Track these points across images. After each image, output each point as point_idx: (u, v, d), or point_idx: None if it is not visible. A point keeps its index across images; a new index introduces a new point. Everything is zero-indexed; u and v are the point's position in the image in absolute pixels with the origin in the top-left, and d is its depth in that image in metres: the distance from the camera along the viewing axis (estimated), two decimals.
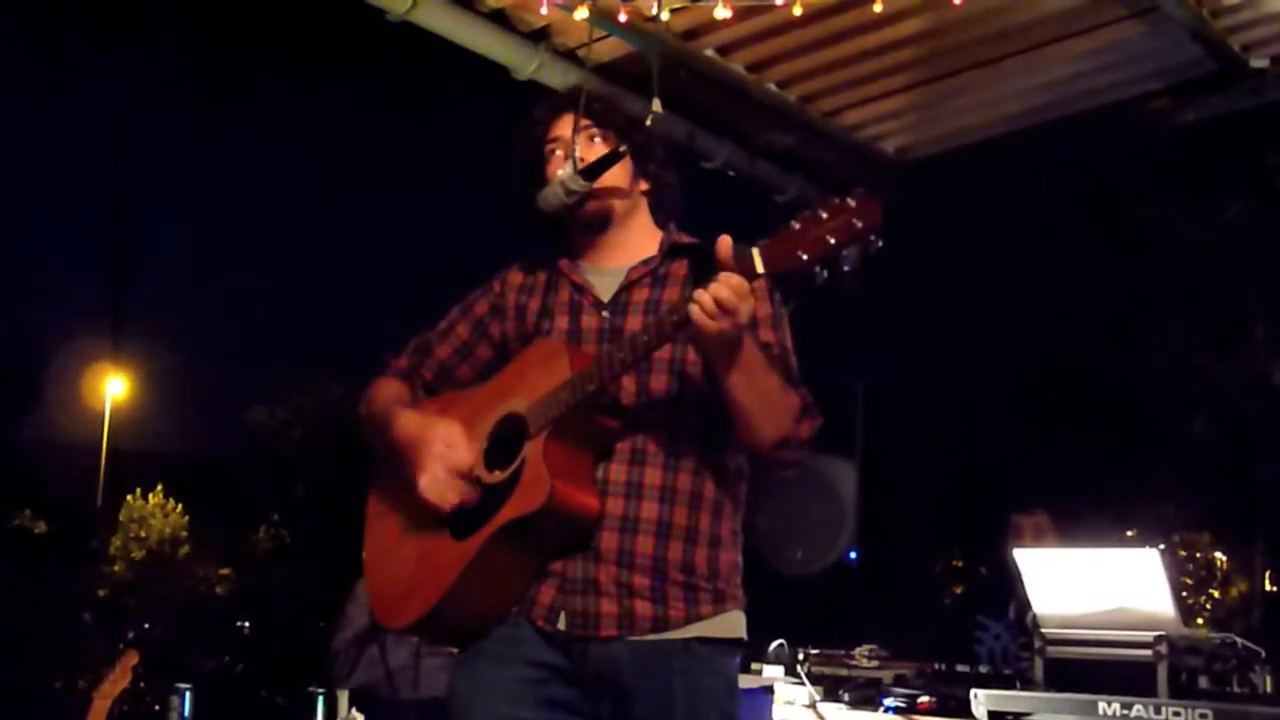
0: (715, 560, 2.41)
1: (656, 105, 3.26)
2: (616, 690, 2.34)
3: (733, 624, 2.43)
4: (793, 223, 2.09)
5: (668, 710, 2.32)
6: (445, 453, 2.40)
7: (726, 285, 2.14)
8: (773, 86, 5.16)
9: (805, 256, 2.08)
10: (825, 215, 2.07)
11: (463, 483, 2.39)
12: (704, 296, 2.14)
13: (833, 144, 5.56)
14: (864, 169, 5.69)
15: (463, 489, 2.39)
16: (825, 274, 2.09)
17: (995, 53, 4.91)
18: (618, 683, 2.34)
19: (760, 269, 2.12)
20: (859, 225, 2.06)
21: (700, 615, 2.37)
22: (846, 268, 2.07)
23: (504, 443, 2.39)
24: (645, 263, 2.53)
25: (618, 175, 2.52)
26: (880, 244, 2.07)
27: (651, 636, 2.34)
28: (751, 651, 4.18)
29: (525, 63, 4.70)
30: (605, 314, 2.49)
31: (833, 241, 2.06)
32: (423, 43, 4.54)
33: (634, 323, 2.43)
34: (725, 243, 2.16)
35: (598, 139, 2.55)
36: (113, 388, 22.28)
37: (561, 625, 2.35)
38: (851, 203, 2.07)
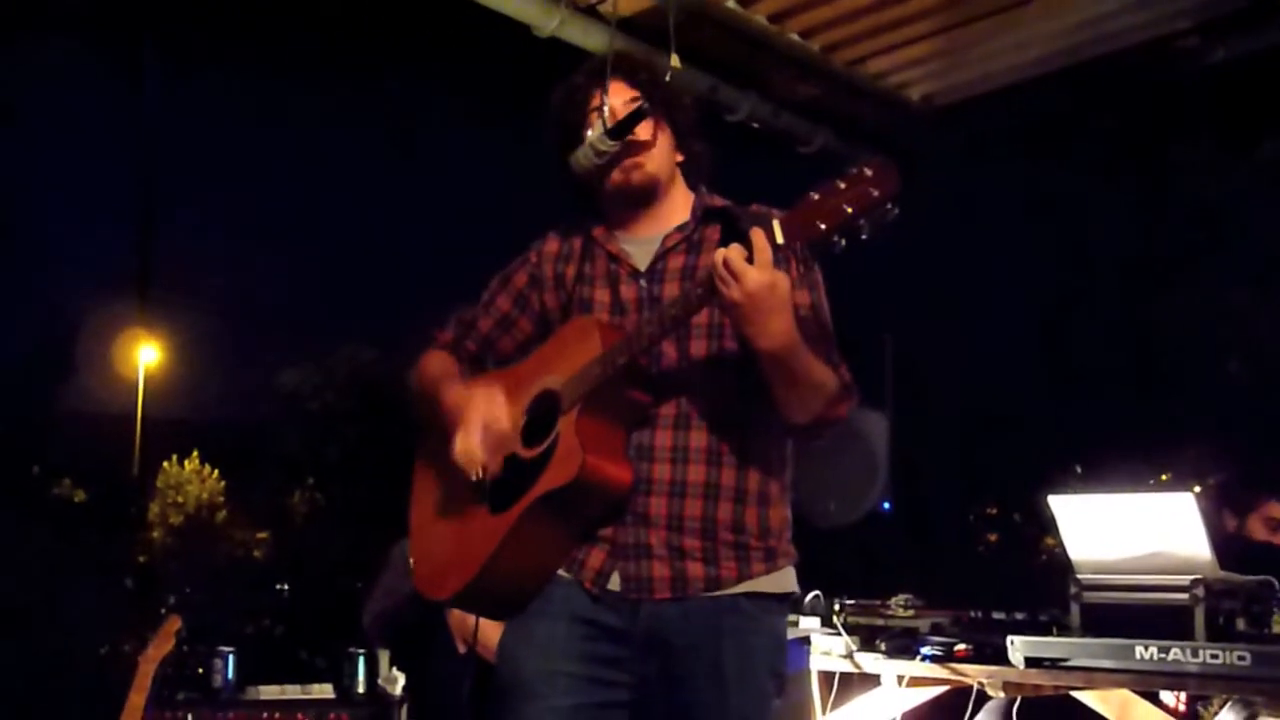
0: (765, 518, 2.43)
1: (675, 61, 3.24)
2: (666, 650, 2.36)
3: (784, 580, 2.46)
4: (811, 193, 2.12)
5: (718, 670, 2.35)
6: (486, 412, 2.42)
7: (736, 249, 2.16)
8: (795, 37, 5.12)
9: (824, 226, 2.10)
10: (843, 185, 2.09)
11: (493, 455, 2.41)
12: (715, 257, 2.17)
13: (857, 93, 5.52)
14: (889, 117, 5.64)
15: (492, 461, 2.42)
16: (843, 243, 2.11)
17: None
18: (667, 642, 2.36)
19: (781, 240, 2.14)
20: (875, 194, 2.08)
21: (752, 574, 2.40)
22: (864, 236, 2.09)
23: (540, 418, 2.43)
24: (680, 229, 2.53)
25: (663, 148, 2.52)
26: (896, 212, 2.08)
27: (704, 595, 2.36)
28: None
29: (546, 20, 4.68)
30: (643, 283, 2.49)
31: (850, 211, 2.08)
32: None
33: (672, 290, 2.44)
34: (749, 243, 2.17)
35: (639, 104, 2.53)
36: (145, 355, 22.45)
37: (614, 587, 2.38)
38: (868, 172, 2.09)
